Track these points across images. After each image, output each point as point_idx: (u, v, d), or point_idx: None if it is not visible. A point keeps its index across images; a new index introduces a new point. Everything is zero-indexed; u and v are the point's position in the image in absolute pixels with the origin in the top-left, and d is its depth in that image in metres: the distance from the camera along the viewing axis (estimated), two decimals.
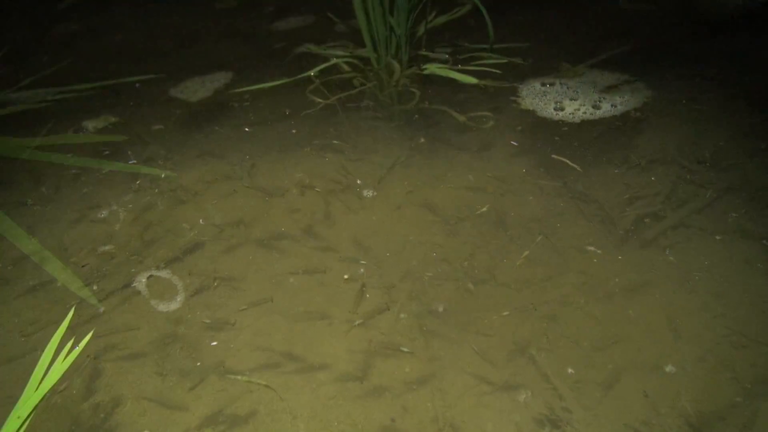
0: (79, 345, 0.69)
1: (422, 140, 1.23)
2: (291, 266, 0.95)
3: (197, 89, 1.47)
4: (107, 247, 1.01)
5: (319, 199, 1.09)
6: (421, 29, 1.51)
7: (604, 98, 1.23)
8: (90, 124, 1.35)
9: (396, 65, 1.44)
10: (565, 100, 1.20)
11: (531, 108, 1.26)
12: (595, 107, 1.19)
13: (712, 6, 1.62)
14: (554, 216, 1.01)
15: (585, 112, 1.19)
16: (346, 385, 0.77)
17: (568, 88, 1.23)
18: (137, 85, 1.50)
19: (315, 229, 1.03)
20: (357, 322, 0.86)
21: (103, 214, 1.08)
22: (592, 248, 0.94)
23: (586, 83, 1.28)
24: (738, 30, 1.51)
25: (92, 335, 0.76)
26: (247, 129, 1.30)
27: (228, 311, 0.89)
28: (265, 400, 0.76)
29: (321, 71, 1.46)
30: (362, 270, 0.94)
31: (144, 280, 0.94)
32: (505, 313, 0.86)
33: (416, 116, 1.31)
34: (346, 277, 0.93)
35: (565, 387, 0.75)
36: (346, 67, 1.48)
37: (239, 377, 0.79)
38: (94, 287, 0.93)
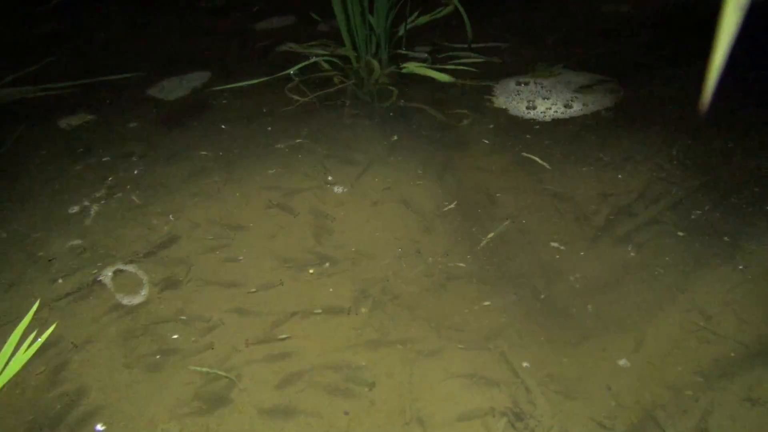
0: (42, 337, 0.69)
1: (400, 138, 1.23)
2: (258, 263, 0.95)
3: (175, 87, 1.47)
4: (77, 242, 1.00)
5: (296, 196, 1.09)
6: (402, 29, 1.52)
7: (576, 98, 1.23)
8: (66, 122, 1.35)
9: (375, 64, 1.44)
10: (537, 99, 1.21)
11: (503, 107, 1.27)
12: (567, 106, 1.20)
13: (690, 7, 1.64)
14: (525, 212, 1.02)
15: (556, 111, 1.19)
16: (313, 376, 0.78)
17: (542, 87, 1.24)
18: (117, 82, 1.50)
19: (290, 225, 1.03)
20: (317, 311, 0.86)
21: (75, 209, 1.08)
22: (555, 245, 0.95)
23: (561, 83, 1.28)
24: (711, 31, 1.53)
25: (56, 327, 0.75)
26: (223, 126, 1.30)
27: (197, 306, 0.89)
28: (228, 391, 0.76)
29: (301, 70, 1.46)
30: (329, 264, 0.94)
31: (110, 274, 0.94)
32: (476, 308, 0.86)
33: (395, 114, 1.31)
34: (311, 271, 0.93)
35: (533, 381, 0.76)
36: (326, 66, 1.48)
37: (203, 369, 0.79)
38: (60, 281, 0.93)
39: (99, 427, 0.72)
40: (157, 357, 0.81)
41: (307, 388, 0.76)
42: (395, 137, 1.24)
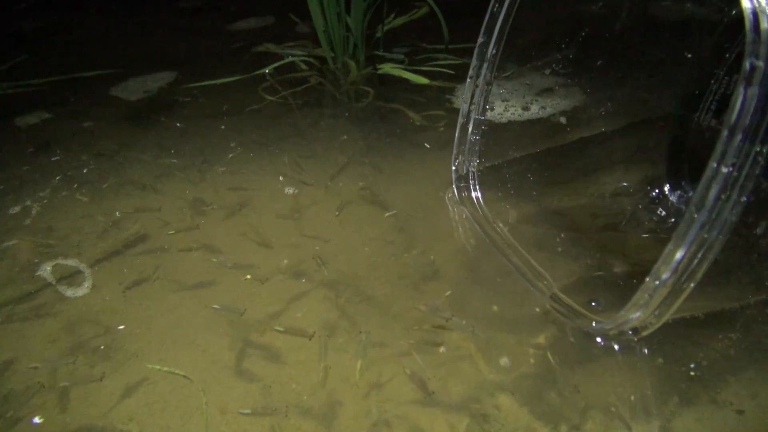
0: None
1: (376, 138, 1.22)
2: (225, 260, 0.93)
3: (140, 86, 1.44)
4: (13, 242, 0.97)
5: (269, 195, 1.07)
6: (380, 30, 1.51)
7: (536, 100, 1.21)
8: (23, 120, 1.31)
9: (352, 64, 1.43)
10: (496, 101, 1.19)
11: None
12: (525, 109, 1.18)
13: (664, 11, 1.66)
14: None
15: (513, 114, 1.18)
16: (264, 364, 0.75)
17: (504, 89, 1.23)
18: (84, 80, 1.46)
19: (260, 224, 1.00)
20: (276, 309, 0.83)
21: (16, 210, 1.04)
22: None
23: (524, 85, 1.27)
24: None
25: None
26: (188, 125, 1.27)
27: (158, 303, 0.85)
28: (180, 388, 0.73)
29: (277, 69, 1.45)
30: (298, 261, 0.92)
31: (49, 268, 0.90)
32: (448, 293, 0.84)
33: (371, 115, 1.30)
34: (286, 262, 0.90)
35: None
36: (302, 66, 1.47)
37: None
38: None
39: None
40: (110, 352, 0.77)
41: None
42: (372, 137, 1.22)
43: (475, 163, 0.97)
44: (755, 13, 0.36)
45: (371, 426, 0.66)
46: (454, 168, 0.99)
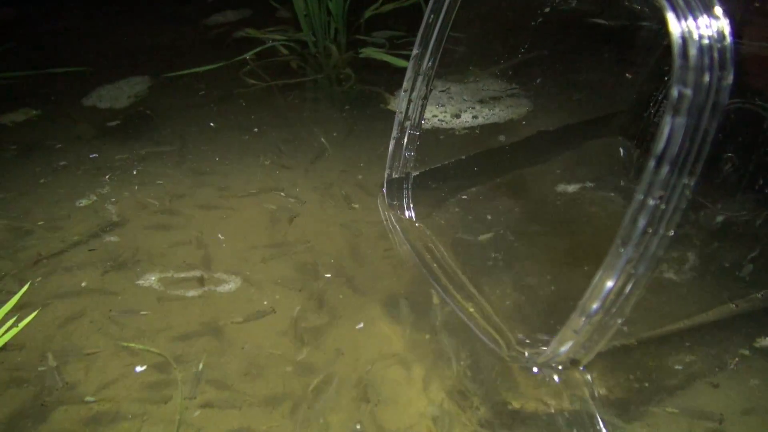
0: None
1: (357, 121, 1.22)
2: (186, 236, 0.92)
3: (119, 90, 1.41)
4: None
5: (250, 177, 1.06)
6: (364, 15, 1.51)
7: (473, 107, 1.16)
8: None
9: (334, 49, 1.43)
10: (432, 106, 1.11)
11: (395, 109, 1.19)
12: (455, 116, 1.13)
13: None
14: None
15: (441, 120, 1.13)
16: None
17: (448, 92, 1.16)
18: (62, 76, 1.45)
19: (241, 207, 1.00)
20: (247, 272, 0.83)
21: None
22: None
23: (473, 90, 1.22)
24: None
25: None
26: (171, 111, 1.26)
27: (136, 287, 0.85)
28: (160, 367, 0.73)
29: (258, 54, 1.43)
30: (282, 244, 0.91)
31: None
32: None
33: (353, 98, 1.30)
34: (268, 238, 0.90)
35: None
36: (283, 51, 1.46)
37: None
38: None
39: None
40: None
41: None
42: (353, 120, 1.22)
43: (410, 181, 0.91)
44: (684, 39, 0.34)
45: None
46: (385, 188, 0.94)
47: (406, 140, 0.88)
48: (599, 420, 0.61)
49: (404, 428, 0.63)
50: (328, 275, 0.85)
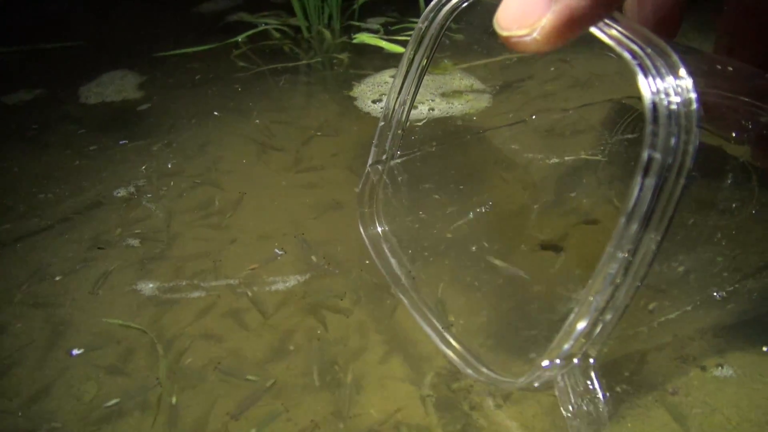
0: None
1: (349, 105, 1.21)
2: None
3: (112, 80, 1.40)
4: None
5: (240, 160, 1.05)
6: (358, 1, 1.49)
7: (433, 100, 1.13)
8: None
9: (327, 33, 1.41)
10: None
11: (355, 95, 1.20)
12: (431, 109, 1.09)
13: None
14: None
15: (418, 111, 1.09)
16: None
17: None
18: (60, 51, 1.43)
19: (228, 187, 0.99)
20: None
21: None
22: None
23: (440, 83, 1.19)
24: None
25: None
26: (162, 91, 1.25)
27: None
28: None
29: (250, 38, 1.42)
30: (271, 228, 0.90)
31: None
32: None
33: (345, 82, 1.28)
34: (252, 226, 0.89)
35: None
36: (276, 34, 1.44)
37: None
38: None
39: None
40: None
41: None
42: (345, 104, 1.21)
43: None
44: (654, 104, 0.35)
45: None
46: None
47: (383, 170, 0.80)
48: None
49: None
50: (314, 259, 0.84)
